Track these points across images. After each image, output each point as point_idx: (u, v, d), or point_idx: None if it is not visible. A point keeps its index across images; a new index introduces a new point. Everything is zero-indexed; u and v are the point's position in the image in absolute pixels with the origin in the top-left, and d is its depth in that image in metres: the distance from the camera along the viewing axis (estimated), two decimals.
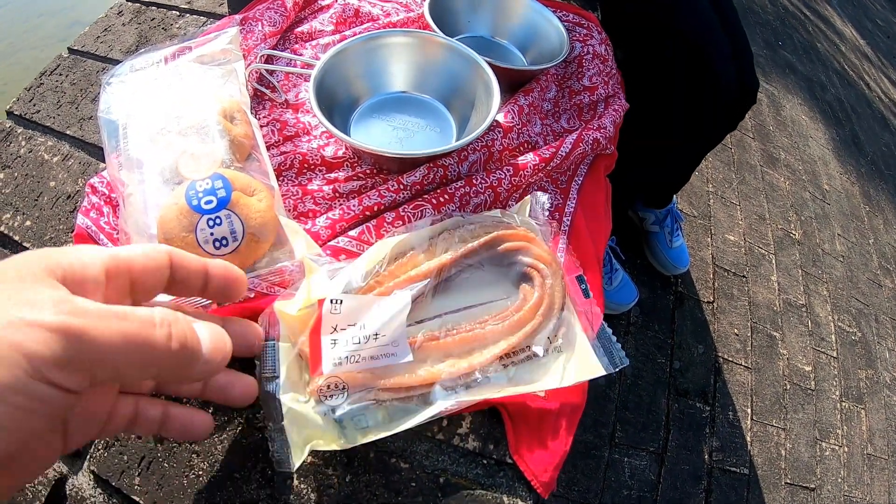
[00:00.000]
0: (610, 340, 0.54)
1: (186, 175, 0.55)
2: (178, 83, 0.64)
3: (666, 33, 1.15)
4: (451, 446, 0.54)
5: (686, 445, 1.52)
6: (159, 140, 0.59)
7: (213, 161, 0.56)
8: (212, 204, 0.53)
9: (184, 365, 0.33)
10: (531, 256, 0.56)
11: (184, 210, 0.53)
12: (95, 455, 0.52)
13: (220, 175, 0.55)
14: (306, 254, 0.55)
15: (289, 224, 0.57)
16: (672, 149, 1.44)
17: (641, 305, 1.66)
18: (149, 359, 0.31)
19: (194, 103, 0.61)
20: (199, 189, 0.53)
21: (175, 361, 0.32)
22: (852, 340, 2.07)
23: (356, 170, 0.66)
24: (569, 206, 0.71)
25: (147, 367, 0.31)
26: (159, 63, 0.67)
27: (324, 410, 0.47)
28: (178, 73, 0.66)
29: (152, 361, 0.31)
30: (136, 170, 0.58)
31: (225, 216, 0.53)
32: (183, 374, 0.34)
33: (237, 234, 0.53)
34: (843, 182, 2.70)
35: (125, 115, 0.61)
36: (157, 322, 0.31)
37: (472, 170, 0.67)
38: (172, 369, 0.33)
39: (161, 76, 0.65)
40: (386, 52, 0.74)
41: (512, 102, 0.74)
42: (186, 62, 0.67)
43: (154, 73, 0.66)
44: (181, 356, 0.32)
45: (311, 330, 0.48)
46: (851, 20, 4.40)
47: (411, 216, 0.60)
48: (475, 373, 0.50)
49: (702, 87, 1.17)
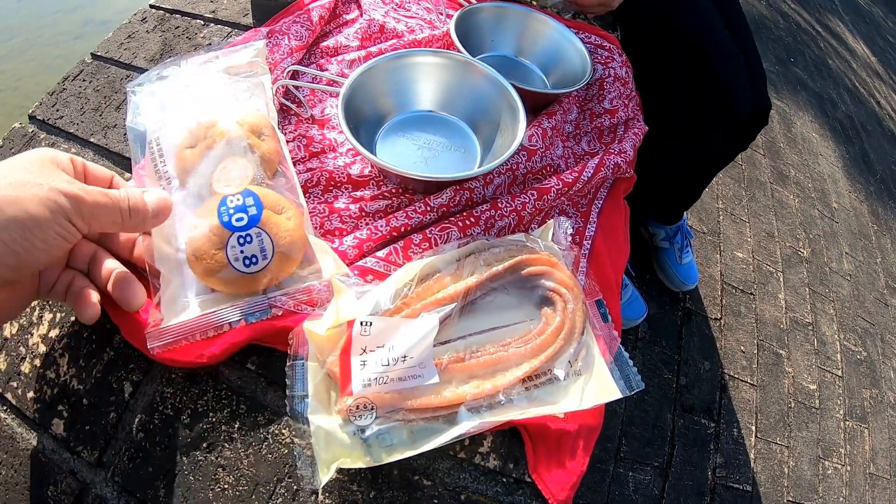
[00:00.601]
0: (627, 364, 0.56)
1: (218, 189, 0.56)
2: (206, 96, 0.65)
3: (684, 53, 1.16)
4: (473, 464, 0.55)
5: (690, 461, 1.52)
6: (187, 154, 0.60)
7: (245, 177, 0.57)
8: (242, 221, 0.53)
9: (138, 221, 0.51)
10: (554, 281, 0.57)
11: (214, 227, 0.53)
12: (120, 465, 0.53)
13: (252, 192, 0.55)
14: (334, 274, 0.56)
15: (318, 243, 0.58)
16: (683, 165, 1.45)
17: (649, 321, 1.67)
18: (118, 215, 0.49)
19: (223, 118, 0.61)
20: (231, 205, 0.54)
21: (134, 216, 0.50)
22: (857, 359, 2.07)
23: (382, 189, 0.68)
24: (589, 229, 0.72)
25: (116, 220, 0.49)
26: (186, 72, 0.68)
27: (352, 430, 0.48)
28: (206, 84, 0.66)
29: (120, 217, 0.49)
30: (165, 182, 0.59)
31: (255, 234, 0.54)
32: (140, 225, 0.52)
33: (267, 252, 0.54)
34: (851, 200, 2.70)
35: (154, 126, 0.62)
36: (122, 197, 0.50)
37: (497, 192, 0.68)
38: (133, 221, 0.51)
39: (189, 86, 0.66)
40: (414, 70, 0.75)
41: (536, 125, 0.75)
42: (214, 72, 0.68)
43: (182, 82, 0.67)
44: (137, 213, 0.51)
45: (341, 351, 0.49)
46: (863, 37, 4.41)
47: (438, 238, 0.61)
48: (499, 394, 0.51)
49: (716, 108, 1.18)
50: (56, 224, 0.45)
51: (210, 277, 0.54)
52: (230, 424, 0.54)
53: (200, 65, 0.69)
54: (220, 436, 0.54)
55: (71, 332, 0.59)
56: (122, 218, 0.50)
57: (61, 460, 0.54)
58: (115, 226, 0.50)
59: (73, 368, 0.57)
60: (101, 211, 0.48)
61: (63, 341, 0.59)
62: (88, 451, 0.54)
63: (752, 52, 1.26)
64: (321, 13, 0.86)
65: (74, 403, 0.56)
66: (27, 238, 0.43)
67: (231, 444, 0.53)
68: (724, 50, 1.18)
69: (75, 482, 0.53)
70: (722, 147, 1.39)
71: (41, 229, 0.44)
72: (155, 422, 0.54)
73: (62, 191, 0.45)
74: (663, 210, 1.69)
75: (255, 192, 0.55)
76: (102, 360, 0.57)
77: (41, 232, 0.44)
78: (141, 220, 0.52)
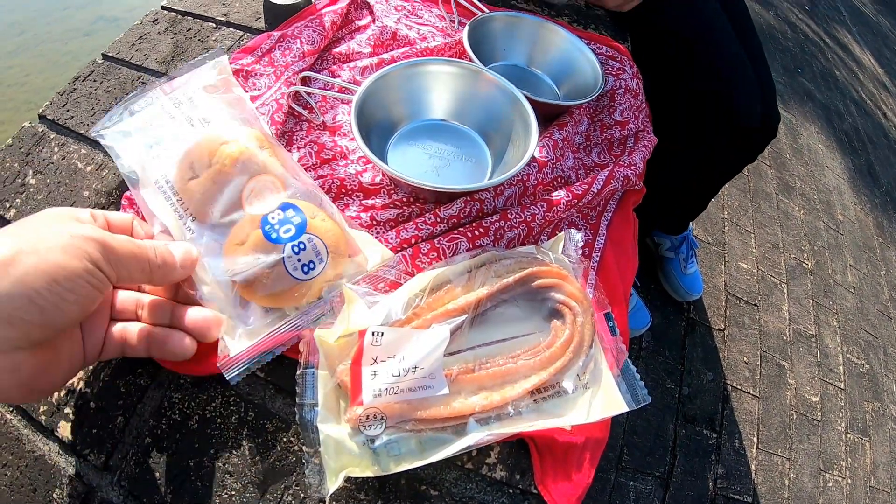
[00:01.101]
0: (634, 377, 0.56)
1: (255, 212, 0.55)
2: (199, 122, 0.62)
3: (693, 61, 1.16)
4: (480, 475, 0.55)
5: (691, 472, 1.52)
6: (192, 186, 0.58)
7: (277, 192, 0.57)
8: (290, 232, 0.53)
9: (166, 271, 0.50)
10: (564, 294, 0.57)
11: (260, 244, 0.53)
12: (126, 470, 0.53)
13: (288, 203, 0.55)
14: (379, 264, 0.58)
15: (360, 235, 0.59)
16: (690, 175, 1.45)
17: (653, 330, 1.67)
18: (146, 266, 0.48)
19: (225, 140, 0.59)
20: (273, 221, 0.54)
21: (160, 269, 0.49)
22: (860, 372, 2.07)
23: (392, 198, 0.68)
24: (598, 241, 0.72)
25: (145, 271, 0.48)
26: (161, 102, 0.64)
27: (361, 440, 0.48)
28: (195, 110, 0.63)
29: (147, 268, 0.48)
30: (182, 219, 0.58)
31: (307, 240, 0.54)
32: (167, 276, 0.51)
33: (322, 254, 0.55)
34: (856, 212, 2.70)
35: (150, 165, 0.60)
36: (149, 246, 0.49)
37: (508, 204, 0.68)
38: (160, 273, 0.49)
39: (175, 117, 0.62)
40: (427, 79, 0.75)
41: (547, 136, 0.75)
42: (196, 96, 0.64)
43: (166, 112, 0.63)
44: (164, 265, 0.50)
45: (352, 360, 0.49)
46: (870, 48, 4.41)
47: (446, 248, 0.62)
48: (507, 406, 0.51)
49: (724, 118, 1.18)
50: (84, 271, 0.41)
51: (269, 297, 0.54)
52: (238, 431, 0.54)
53: (172, 92, 0.64)
54: (227, 442, 0.54)
55: None
56: (151, 268, 0.48)
57: (67, 463, 0.54)
58: (143, 275, 0.48)
59: (81, 372, 0.57)
60: (129, 259, 0.46)
61: None
62: (95, 454, 0.53)
63: (762, 65, 1.26)
64: (333, 18, 0.86)
65: (81, 407, 0.56)
66: (52, 289, 0.40)
67: (239, 450, 0.53)
68: (733, 60, 1.18)
69: (81, 485, 0.53)
70: (729, 157, 1.39)
71: (68, 278, 0.40)
72: (162, 427, 0.54)
73: (86, 236, 0.43)
74: (670, 220, 1.70)
75: (293, 203, 0.56)
76: (110, 364, 0.58)
77: (68, 281, 0.40)
78: (169, 271, 0.50)
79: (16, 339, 0.40)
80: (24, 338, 0.40)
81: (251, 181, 0.57)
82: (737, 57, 1.18)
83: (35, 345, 0.42)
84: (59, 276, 0.40)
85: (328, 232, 0.56)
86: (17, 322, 0.39)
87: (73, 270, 0.41)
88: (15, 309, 0.38)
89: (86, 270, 0.42)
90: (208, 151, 0.57)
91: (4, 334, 0.39)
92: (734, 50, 1.18)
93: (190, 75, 0.66)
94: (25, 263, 0.39)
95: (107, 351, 0.51)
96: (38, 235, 0.41)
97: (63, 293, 0.40)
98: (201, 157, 0.57)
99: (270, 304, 0.55)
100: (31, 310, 0.39)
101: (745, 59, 1.19)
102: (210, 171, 0.57)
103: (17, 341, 0.40)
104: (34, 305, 0.39)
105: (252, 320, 0.55)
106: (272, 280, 0.53)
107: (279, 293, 0.54)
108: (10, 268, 0.38)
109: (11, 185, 0.72)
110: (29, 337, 0.40)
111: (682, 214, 1.67)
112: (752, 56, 1.22)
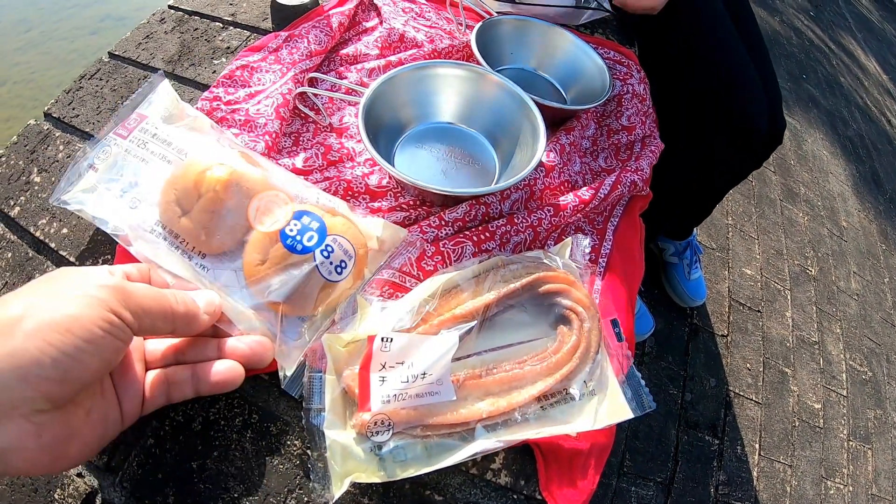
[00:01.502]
0: (639, 384, 0.56)
1: (266, 229, 0.54)
2: (176, 153, 0.58)
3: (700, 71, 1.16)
4: (484, 481, 0.55)
5: (693, 478, 1.51)
6: (184, 222, 0.55)
7: (286, 205, 0.56)
8: (314, 239, 0.53)
9: (189, 319, 0.48)
10: (571, 299, 0.57)
11: (284, 258, 0.53)
12: (129, 471, 0.52)
13: (301, 211, 0.55)
14: (402, 238, 0.60)
15: (370, 221, 0.60)
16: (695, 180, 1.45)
17: (656, 336, 1.66)
18: (169, 314, 0.46)
19: (208, 166, 0.56)
20: (293, 233, 0.53)
21: (183, 317, 0.47)
22: (863, 380, 2.06)
23: (399, 200, 0.67)
24: (605, 247, 0.72)
25: (167, 318, 0.46)
26: (123, 145, 0.59)
27: (368, 446, 0.48)
28: (164, 144, 0.59)
29: (170, 316, 0.46)
30: (191, 262, 0.56)
31: (332, 241, 0.54)
32: (190, 326, 0.48)
33: (349, 252, 0.55)
34: (860, 219, 2.69)
35: (130, 216, 0.57)
36: (171, 294, 0.47)
37: (514, 208, 0.68)
38: (183, 322, 0.47)
39: (147, 160, 0.58)
40: (435, 82, 0.75)
41: (554, 141, 0.75)
42: (158, 128, 0.60)
43: (133, 156, 0.59)
44: (187, 313, 0.48)
45: (360, 366, 0.49)
46: (875, 55, 4.40)
47: (451, 252, 0.61)
48: (514, 412, 0.51)
49: (726, 121, 1.18)
50: (101, 320, 0.39)
51: (301, 306, 0.55)
52: (242, 434, 0.54)
53: (130, 134, 0.59)
54: (231, 445, 0.53)
55: None
56: (175, 315, 0.46)
57: None
58: (166, 324, 0.46)
59: None
60: (150, 304, 0.44)
61: None
62: (98, 455, 0.53)
63: (769, 72, 1.26)
64: (341, 20, 0.86)
65: None
66: (67, 340, 0.37)
67: (242, 453, 0.53)
68: (734, 60, 1.17)
69: (83, 485, 0.53)
70: (730, 159, 1.38)
71: (84, 327, 0.38)
72: (166, 428, 0.54)
73: (102, 285, 0.41)
74: (674, 225, 1.69)
75: (305, 210, 0.55)
76: None
77: (84, 331, 0.38)
78: (192, 319, 0.48)
79: (34, 400, 0.37)
80: (43, 397, 0.37)
81: (254, 199, 0.55)
82: (736, 56, 1.18)
83: (57, 405, 0.39)
84: (74, 326, 0.38)
85: (343, 227, 0.56)
86: (33, 379, 0.36)
87: (89, 319, 0.38)
88: (30, 365, 0.36)
89: (103, 319, 0.39)
90: (193, 182, 0.55)
91: (21, 394, 0.36)
92: (736, 51, 1.18)
93: (139, 111, 0.61)
94: (37, 318, 0.37)
95: (150, 402, 0.49)
96: (51, 290, 0.40)
97: (80, 344, 0.38)
98: (186, 190, 0.55)
99: (313, 312, 0.56)
100: (46, 364, 0.36)
101: (748, 60, 1.19)
102: (202, 201, 0.55)
103: (36, 402, 0.37)
104: (49, 359, 0.36)
105: (296, 332, 0.55)
106: (309, 288, 0.53)
107: (316, 299, 0.54)
108: (21, 322, 0.37)
109: (16, 182, 0.72)
110: (49, 396, 0.38)
111: (687, 219, 1.67)
112: (758, 62, 1.21)
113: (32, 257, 0.65)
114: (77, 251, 0.65)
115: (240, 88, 0.76)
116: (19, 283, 0.62)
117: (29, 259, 0.65)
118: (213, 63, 0.86)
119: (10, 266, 0.64)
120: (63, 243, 0.66)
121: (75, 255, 0.65)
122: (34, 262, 0.65)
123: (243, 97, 0.75)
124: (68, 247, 0.66)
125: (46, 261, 0.65)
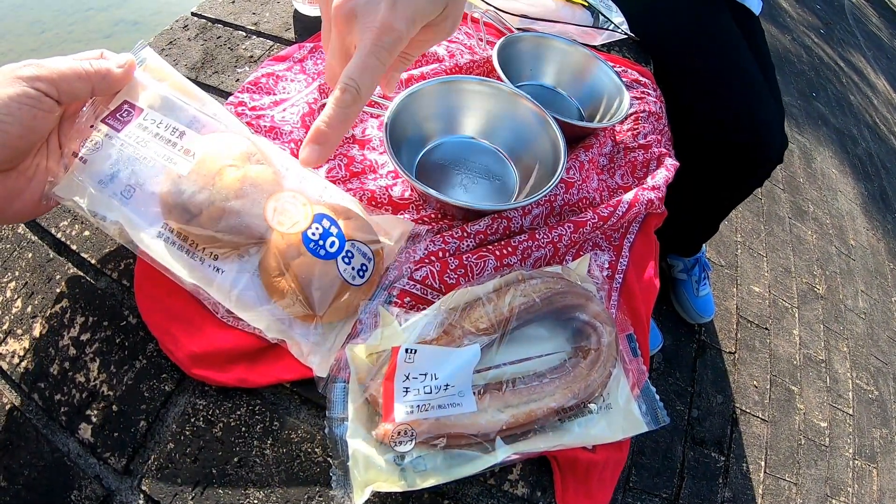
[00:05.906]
0: (654, 399, 0.58)
1: (285, 231, 0.53)
2: (184, 153, 0.54)
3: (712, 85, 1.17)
4: (502, 491, 0.55)
5: (699, 494, 1.51)
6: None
7: (305, 206, 0.55)
8: (335, 245, 0.54)
9: (104, 75, 0.51)
10: (589, 314, 0.57)
11: (304, 267, 0.53)
12: (147, 475, 0.52)
13: (321, 214, 0.55)
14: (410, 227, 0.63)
15: (383, 220, 0.62)
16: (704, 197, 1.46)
17: (664, 352, 1.67)
18: (83, 74, 0.50)
19: (221, 165, 0.54)
20: (315, 237, 0.53)
21: (97, 75, 0.51)
22: (869, 398, 2.06)
23: (421, 213, 0.68)
24: (621, 263, 0.72)
25: (83, 78, 0.50)
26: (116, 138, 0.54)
27: (391, 456, 0.48)
28: (174, 142, 0.55)
29: (84, 76, 0.50)
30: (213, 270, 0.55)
31: (352, 247, 0.55)
32: (107, 81, 0.52)
33: (369, 255, 0.56)
34: (868, 238, 2.69)
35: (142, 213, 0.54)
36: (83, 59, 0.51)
37: (535, 223, 0.69)
38: (99, 78, 0.51)
39: (148, 154, 0.54)
40: (459, 96, 0.76)
41: (573, 158, 0.76)
42: (162, 121, 0.56)
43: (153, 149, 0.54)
44: (100, 70, 0.51)
45: (385, 377, 0.49)
46: (885, 73, 4.41)
47: (474, 266, 0.62)
48: (533, 424, 0.52)
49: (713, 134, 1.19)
50: (14, 92, 0.45)
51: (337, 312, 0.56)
52: (263, 440, 0.54)
53: (135, 129, 0.54)
54: (251, 451, 0.54)
55: (103, 338, 0.59)
56: (89, 75, 0.50)
57: (87, 465, 0.53)
58: (85, 84, 0.50)
59: (104, 374, 0.57)
60: (66, 72, 0.49)
61: (94, 346, 0.58)
62: (116, 458, 0.53)
63: (775, 91, 1.27)
64: None
65: (104, 409, 0.55)
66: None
67: (262, 459, 0.53)
68: (757, 89, 1.18)
69: (100, 488, 0.52)
70: (739, 180, 1.39)
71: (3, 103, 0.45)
72: (186, 433, 0.54)
73: (23, 65, 0.47)
74: (682, 242, 1.70)
75: (324, 213, 0.55)
76: (134, 368, 0.57)
77: (3, 105, 0.45)
78: (107, 75, 0.52)
79: None
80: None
81: (270, 200, 0.54)
82: (750, 77, 1.18)
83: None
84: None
85: (358, 230, 0.57)
86: None
87: (4, 93, 0.45)
88: None
89: (19, 93, 0.46)
90: (203, 184, 0.53)
91: None
92: (750, 72, 1.19)
93: (128, 100, 0.56)
94: None
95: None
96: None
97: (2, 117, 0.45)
98: (196, 192, 0.53)
99: (338, 318, 0.57)
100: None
101: (762, 80, 1.20)
102: (212, 208, 0.53)
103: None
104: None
105: (330, 339, 0.56)
106: (330, 294, 0.54)
107: (349, 303, 0.56)
108: None
109: None
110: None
111: (693, 236, 1.67)
112: (765, 79, 1.22)
113: (53, 258, 0.65)
114: (99, 254, 0.65)
115: (265, 95, 0.77)
116: (39, 285, 0.62)
117: (50, 260, 0.65)
118: (237, 71, 0.86)
119: (31, 266, 0.64)
120: (85, 245, 0.66)
121: (97, 258, 0.65)
122: (55, 264, 0.64)
123: (268, 104, 0.76)
124: (90, 249, 0.65)
125: (67, 262, 0.65)
